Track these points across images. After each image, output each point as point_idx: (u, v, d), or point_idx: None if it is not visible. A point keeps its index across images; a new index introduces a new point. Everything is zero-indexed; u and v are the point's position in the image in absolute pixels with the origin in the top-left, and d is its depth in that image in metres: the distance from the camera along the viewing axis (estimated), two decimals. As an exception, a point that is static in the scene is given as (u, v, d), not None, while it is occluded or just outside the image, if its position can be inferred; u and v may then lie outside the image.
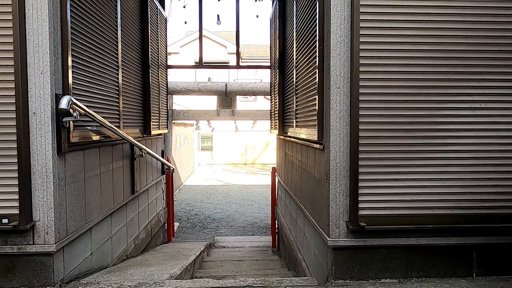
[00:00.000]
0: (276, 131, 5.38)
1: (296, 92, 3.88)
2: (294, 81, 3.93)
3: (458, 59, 2.51)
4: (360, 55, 2.45)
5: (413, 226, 2.55)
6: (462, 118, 2.54)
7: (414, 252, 2.60)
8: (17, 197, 2.40)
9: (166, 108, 5.98)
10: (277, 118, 5.27)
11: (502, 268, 2.63)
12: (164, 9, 5.85)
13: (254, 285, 2.59)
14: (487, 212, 2.57)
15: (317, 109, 2.81)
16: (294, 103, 3.96)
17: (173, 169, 6.00)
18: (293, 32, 3.97)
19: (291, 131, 4.22)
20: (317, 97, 2.80)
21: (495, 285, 2.50)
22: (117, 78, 3.60)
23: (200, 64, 7.28)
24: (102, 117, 3.01)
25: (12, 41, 2.33)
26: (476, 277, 2.62)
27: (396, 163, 2.54)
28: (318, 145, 2.86)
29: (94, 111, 2.87)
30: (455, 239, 2.58)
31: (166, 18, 5.84)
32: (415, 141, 2.54)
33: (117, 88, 3.61)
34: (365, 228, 2.50)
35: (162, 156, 5.83)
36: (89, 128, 2.95)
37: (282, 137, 5.12)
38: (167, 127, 6.15)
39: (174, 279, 2.99)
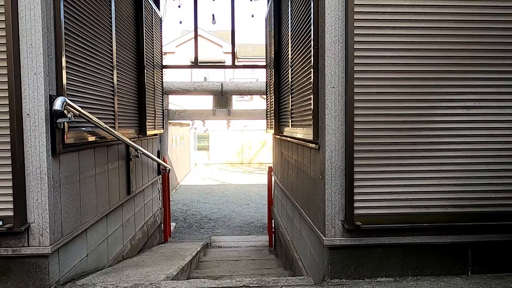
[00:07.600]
0: (272, 131, 5.38)
1: (292, 92, 3.88)
2: (290, 80, 3.94)
3: (454, 58, 2.52)
4: (354, 54, 2.46)
5: (409, 225, 2.56)
6: (456, 116, 2.55)
7: (409, 251, 2.61)
8: (12, 199, 2.39)
9: (161, 108, 5.96)
10: (273, 117, 5.27)
11: (497, 265, 2.65)
12: (159, 9, 5.83)
13: (250, 285, 2.59)
14: (482, 210, 2.59)
15: (312, 108, 2.81)
16: (290, 102, 3.96)
17: (169, 169, 5.99)
18: (288, 32, 3.97)
19: (287, 131, 4.22)
20: (312, 96, 2.81)
21: (489, 283, 2.52)
22: (112, 79, 3.59)
23: (195, 64, 7.27)
24: (97, 117, 3.00)
25: (5, 42, 2.32)
26: (471, 275, 2.63)
27: (391, 162, 2.55)
28: (314, 145, 2.86)
29: (89, 112, 2.86)
30: (450, 237, 2.59)
31: (161, 18, 5.82)
32: (410, 140, 2.55)
33: (112, 89, 3.59)
34: (360, 227, 2.51)
35: (158, 157, 5.82)
36: (83, 129, 2.93)
37: (278, 136, 5.12)
38: (163, 127, 6.13)
39: (170, 279, 2.99)
